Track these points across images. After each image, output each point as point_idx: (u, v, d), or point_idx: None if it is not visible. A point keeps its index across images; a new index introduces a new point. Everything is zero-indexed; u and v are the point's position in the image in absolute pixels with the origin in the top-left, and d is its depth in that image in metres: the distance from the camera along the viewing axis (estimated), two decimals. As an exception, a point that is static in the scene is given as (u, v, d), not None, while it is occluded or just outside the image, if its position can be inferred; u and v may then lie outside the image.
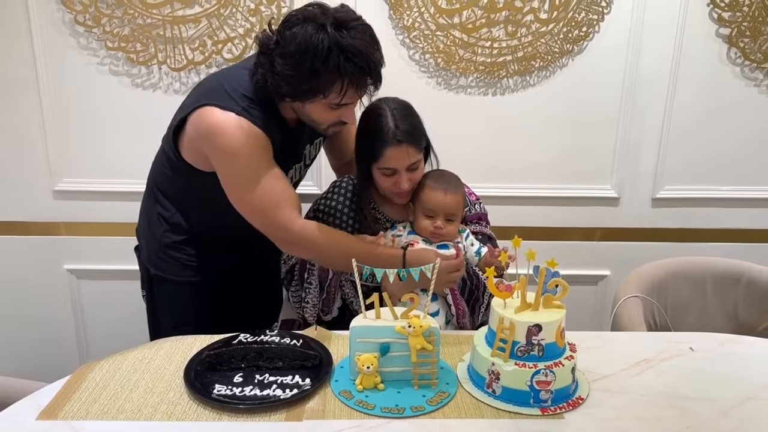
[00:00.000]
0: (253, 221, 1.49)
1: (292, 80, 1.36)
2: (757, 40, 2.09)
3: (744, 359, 1.40)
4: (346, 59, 1.32)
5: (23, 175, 2.19)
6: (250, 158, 1.43)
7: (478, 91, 2.14)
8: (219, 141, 1.42)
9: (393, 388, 1.24)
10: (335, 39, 1.32)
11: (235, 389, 1.21)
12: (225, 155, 1.44)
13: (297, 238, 1.48)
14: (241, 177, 1.45)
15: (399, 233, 1.63)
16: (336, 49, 1.32)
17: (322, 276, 1.59)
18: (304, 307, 1.62)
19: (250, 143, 1.42)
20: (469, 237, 1.63)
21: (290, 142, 1.57)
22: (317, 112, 1.44)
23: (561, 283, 1.23)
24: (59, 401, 1.19)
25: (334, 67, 1.32)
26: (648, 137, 2.20)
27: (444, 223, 1.56)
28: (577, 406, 1.20)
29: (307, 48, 1.32)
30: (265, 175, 1.45)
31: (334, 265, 1.55)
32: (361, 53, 1.34)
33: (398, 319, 1.25)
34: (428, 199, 1.57)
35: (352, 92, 1.39)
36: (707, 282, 1.93)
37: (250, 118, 1.42)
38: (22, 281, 2.32)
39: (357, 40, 1.34)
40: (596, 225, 2.31)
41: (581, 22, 2.05)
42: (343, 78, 1.35)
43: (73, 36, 2.03)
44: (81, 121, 2.12)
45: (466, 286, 1.56)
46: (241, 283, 1.72)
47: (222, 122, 1.41)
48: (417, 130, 1.55)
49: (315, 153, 1.73)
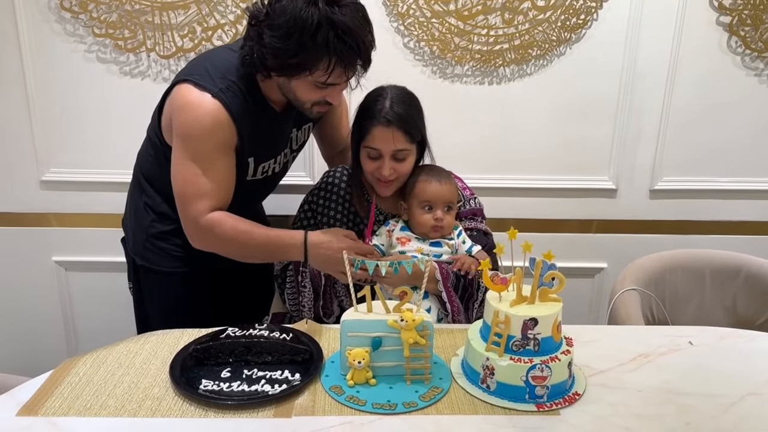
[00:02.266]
0: (176, 198, 1.50)
1: (279, 53, 1.33)
2: (758, 29, 2.05)
3: (745, 354, 1.37)
4: (336, 36, 1.30)
5: (9, 165, 2.14)
6: (202, 145, 1.43)
7: (474, 80, 2.10)
8: (184, 117, 1.43)
9: (385, 384, 1.21)
10: (326, 14, 1.29)
11: (222, 384, 1.18)
12: (182, 133, 1.44)
13: (201, 233, 1.49)
14: (185, 158, 1.45)
15: (392, 228, 1.60)
16: (326, 24, 1.29)
17: (315, 282, 1.57)
18: (302, 311, 1.58)
19: (211, 131, 1.41)
20: (461, 235, 1.60)
21: (276, 127, 1.54)
22: (302, 89, 1.41)
23: (557, 276, 1.20)
24: (40, 397, 1.15)
25: (322, 42, 1.30)
26: (646, 128, 2.17)
27: (443, 214, 1.54)
28: (573, 402, 1.17)
29: (296, 21, 1.29)
30: (208, 165, 1.44)
31: (240, 257, 1.54)
32: (351, 31, 1.31)
33: (390, 313, 1.22)
34: (424, 190, 1.54)
35: (339, 71, 1.36)
36: (706, 275, 1.90)
37: (225, 101, 1.40)
38: (10, 273, 2.28)
39: (348, 17, 1.31)
40: (593, 217, 2.28)
41: (579, 10, 2.01)
42: (330, 55, 1.32)
43: (59, 22, 1.98)
44: (68, 110, 2.08)
45: (459, 282, 1.52)
46: (231, 274, 1.68)
47: (194, 101, 1.41)
48: (411, 118, 1.52)
49: (303, 139, 1.70)
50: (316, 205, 1.65)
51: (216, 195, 1.48)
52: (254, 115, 1.46)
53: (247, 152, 1.51)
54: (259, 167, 1.57)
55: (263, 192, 1.77)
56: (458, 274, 1.52)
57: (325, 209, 1.64)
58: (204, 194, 1.46)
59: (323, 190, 1.66)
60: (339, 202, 1.64)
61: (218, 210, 1.49)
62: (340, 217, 1.63)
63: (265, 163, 1.58)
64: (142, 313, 1.78)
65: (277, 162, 1.61)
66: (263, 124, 1.50)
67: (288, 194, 1.95)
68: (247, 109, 1.45)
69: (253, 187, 1.61)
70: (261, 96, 1.48)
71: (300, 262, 1.56)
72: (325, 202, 1.64)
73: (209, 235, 1.49)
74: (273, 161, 1.60)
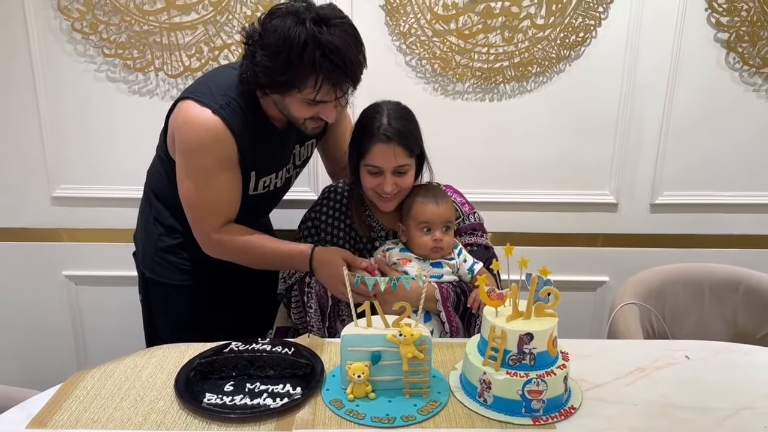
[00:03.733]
0: (186, 214, 1.57)
1: (269, 71, 1.37)
2: (756, 45, 2.08)
3: (740, 368, 1.38)
4: (322, 55, 1.33)
5: (21, 182, 2.20)
6: (204, 160, 1.48)
7: (475, 96, 2.13)
8: (185, 134, 1.48)
9: (384, 398, 1.23)
10: (313, 34, 1.33)
11: (225, 398, 1.21)
12: (184, 149, 1.50)
13: (213, 246, 1.57)
14: (189, 174, 1.51)
15: (390, 248, 1.60)
16: (312, 43, 1.33)
17: (322, 302, 1.58)
18: (310, 331, 1.59)
19: (211, 146, 1.46)
20: (462, 253, 1.60)
21: (277, 142, 1.58)
22: (295, 106, 1.45)
23: (553, 292, 1.22)
24: (50, 410, 1.19)
25: (308, 61, 1.33)
26: (646, 143, 2.19)
27: (442, 234, 1.54)
28: (569, 416, 1.19)
29: (284, 40, 1.33)
30: (211, 180, 1.50)
31: (252, 265, 1.61)
32: (338, 50, 1.34)
33: (389, 328, 1.25)
34: (422, 212, 1.55)
35: (327, 89, 1.39)
36: (705, 289, 1.91)
37: (225, 117, 1.45)
38: (21, 287, 2.32)
39: (336, 37, 1.34)
40: (595, 231, 2.30)
41: (578, 28, 2.05)
42: (317, 73, 1.35)
43: (70, 43, 2.04)
44: (78, 128, 2.13)
45: (460, 301, 1.53)
46: (237, 287, 1.72)
47: (195, 117, 1.46)
48: (410, 133, 1.53)
49: (307, 154, 1.74)
50: (318, 221, 1.66)
51: (223, 210, 1.54)
52: (255, 131, 1.51)
53: (248, 167, 1.55)
54: (260, 182, 1.61)
55: (266, 206, 1.81)
56: (459, 294, 1.53)
57: (327, 226, 1.65)
58: (212, 210, 1.53)
59: (324, 206, 1.67)
60: (341, 219, 1.65)
61: (226, 223, 1.55)
62: (343, 235, 1.64)
63: (266, 178, 1.61)
64: (150, 325, 1.82)
65: (279, 177, 1.65)
66: (264, 139, 1.54)
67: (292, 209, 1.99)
68: (247, 124, 1.49)
69: (255, 201, 1.64)
70: (261, 112, 1.53)
71: (305, 283, 1.59)
72: (327, 218, 1.65)
73: (221, 248, 1.57)
74: (274, 176, 1.64)
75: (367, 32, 2.01)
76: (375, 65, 2.05)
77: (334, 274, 1.48)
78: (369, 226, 1.65)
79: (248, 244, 1.56)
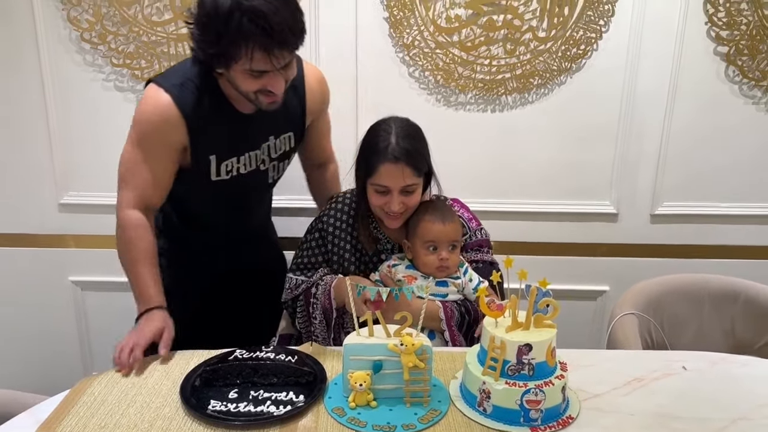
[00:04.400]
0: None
1: (203, 45, 1.38)
2: (755, 59, 2.10)
3: (737, 379, 1.40)
4: (249, 20, 1.31)
5: (30, 188, 2.24)
6: (148, 134, 1.50)
7: (477, 107, 2.16)
8: (139, 108, 1.51)
9: (385, 406, 1.25)
10: (237, 1, 1.31)
11: (230, 405, 1.23)
12: (135, 120, 1.52)
13: (117, 219, 1.56)
14: (132, 142, 1.52)
15: (395, 263, 1.59)
16: (237, 11, 1.30)
17: (327, 314, 1.57)
18: (315, 340, 1.59)
19: (160, 123, 1.48)
20: (467, 272, 1.59)
21: (239, 126, 1.56)
22: (240, 80, 1.42)
23: (552, 303, 1.24)
24: (57, 415, 1.21)
25: (235, 29, 1.31)
26: (646, 154, 2.22)
27: (448, 254, 1.53)
28: (566, 426, 1.21)
29: (210, 11, 1.33)
30: (147, 156, 1.51)
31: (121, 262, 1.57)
32: (263, 14, 1.31)
33: (391, 337, 1.27)
34: (429, 230, 1.53)
35: (260, 56, 1.35)
36: (704, 299, 1.93)
37: (177, 95, 1.47)
38: (28, 293, 2.36)
39: (261, 2, 1.31)
40: (595, 240, 2.32)
41: (579, 41, 2.07)
42: (246, 41, 1.33)
43: (79, 53, 2.08)
44: (86, 136, 2.17)
45: (464, 320, 1.54)
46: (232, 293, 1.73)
47: (149, 96, 1.49)
48: (418, 152, 1.51)
49: (284, 148, 1.68)
50: (326, 233, 1.64)
51: (146, 190, 1.54)
52: (211, 112, 1.51)
53: (205, 149, 1.54)
54: (222, 165, 1.58)
55: (239, 197, 1.73)
56: (463, 313, 1.54)
57: (334, 237, 1.64)
58: (135, 185, 1.53)
59: (332, 216, 1.65)
60: (347, 231, 1.64)
61: (143, 207, 1.55)
62: (349, 247, 1.63)
63: (227, 162, 1.58)
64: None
65: (242, 163, 1.61)
66: (221, 121, 1.53)
67: (299, 217, 2.02)
68: (201, 104, 1.49)
69: (221, 189, 1.61)
70: (220, 94, 1.52)
71: (311, 293, 1.60)
72: (334, 230, 1.64)
73: (117, 229, 1.57)
74: (236, 160, 1.59)
75: (371, 44, 2.07)
76: (379, 76, 2.11)
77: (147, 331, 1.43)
78: (375, 239, 1.64)
79: (130, 244, 1.54)
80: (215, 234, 1.71)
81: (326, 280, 1.61)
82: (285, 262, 2.01)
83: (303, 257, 1.67)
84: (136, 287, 1.53)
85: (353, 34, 2.07)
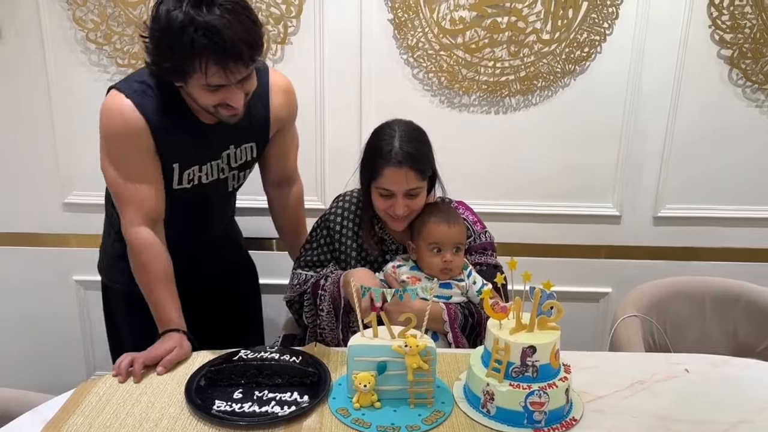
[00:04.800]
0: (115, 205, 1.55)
1: (157, 59, 1.37)
2: (759, 62, 2.11)
3: (739, 382, 1.40)
4: (202, 35, 1.29)
5: (34, 188, 2.24)
6: (119, 145, 1.48)
7: (481, 109, 2.17)
8: (103, 119, 1.48)
9: (389, 407, 1.26)
10: (190, 16, 1.29)
11: (234, 405, 1.23)
12: (103, 134, 1.49)
13: (127, 240, 1.53)
14: (108, 161, 1.50)
15: (400, 264, 1.60)
16: (190, 26, 1.29)
17: (336, 303, 1.56)
18: (321, 333, 1.59)
19: (126, 131, 1.45)
20: (471, 275, 1.59)
21: (199, 135, 1.54)
22: (197, 94, 1.41)
23: (556, 305, 1.24)
24: (63, 415, 1.22)
25: (187, 44, 1.29)
26: (649, 156, 2.22)
27: (452, 256, 1.54)
28: (570, 428, 1.22)
29: (163, 26, 1.31)
30: (128, 169, 1.49)
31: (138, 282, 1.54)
32: (216, 29, 1.29)
33: (395, 338, 1.27)
34: (433, 233, 1.54)
35: (215, 71, 1.33)
36: (706, 302, 1.94)
37: (138, 102, 1.44)
38: (32, 292, 2.37)
39: (214, 16, 1.29)
40: (598, 243, 2.33)
41: (583, 43, 2.08)
42: (199, 56, 1.31)
43: (84, 53, 2.08)
44: (91, 136, 2.12)
45: (467, 323, 1.55)
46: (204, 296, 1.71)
47: (110, 103, 1.46)
48: (422, 155, 1.52)
49: (245, 158, 1.66)
50: (333, 231, 1.65)
51: (145, 203, 1.51)
52: (172, 119, 1.49)
53: (169, 157, 1.52)
54: (184, 174, 1.56)
55: (202, 207, 1.68)
56: (467, 315, 1.55)
57: (341, 236, 1.64)
58: (132, 201, 1.50)
59: (339, 216, 1.66)
60: (353, 229, 1.64)
61: (149, 222, 1.51)
62: (355, 246, 1.64)
63: (189, 170, 1.56)
64: (115, 339, 1.81)
65: (204, 172, 1.59)
66: (182, 129, 1.51)
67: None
68: (163, 111, 1.47)
69: (183, 198, 1.59)
70: (181, 102, 1.50)
71: (319, 285, 1.59)
72: (341, 229, 1.64)
73: (129, 252, 1.54)
74: (197, 169, 1.57)
75: (375, 46, 2.08)
76: (383, 78, 2.12)
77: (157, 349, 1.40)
78: (380, 240, 1.65)
79: (143, 269, 1.51)
80: (178, 242, 1.62)
81: (336, 273, 1.61)
82: (253, 264, 2.00)
83: (310, 254, 1.68)
84: (154, 310, 1.51)
85: (357, 36, 2.07)
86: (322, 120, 2.16)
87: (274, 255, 2.27)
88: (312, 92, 2.12)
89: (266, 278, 2.09)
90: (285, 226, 1.93)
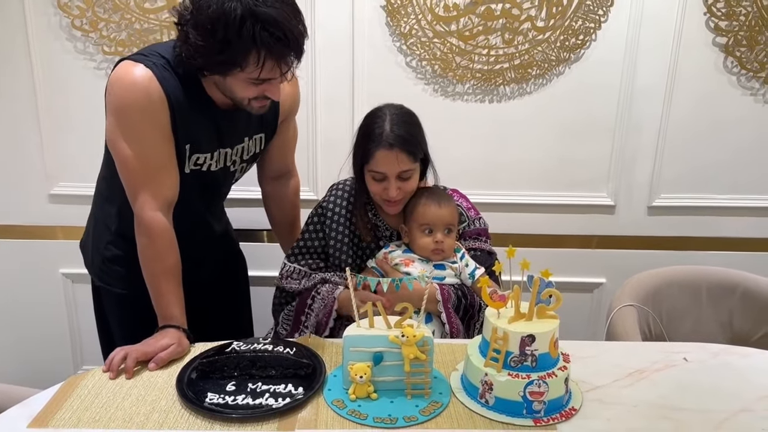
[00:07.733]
0: (124, 186, 1.45)
1: (205, 52, 1.29)
2: (754, 50, 2.10)
3: (738, 370, 1.39)
4: (262, 28, 1.25)
5: (19, 179, 2.20)
6: (136, 118, 1.37)
7: (475, 98, 2.14)
8: (115, 90, 1.36)
9: (386, 398, 1.23)
10: (249, 7, 1.24)
11: (227, 398, 1.20)
12: (115, 107, 1.37)
13: (140, 225, 1.43)
14: (121, 136, 1.38)
15: (392, 250, 1.60)
16: (250, 17, 1.24)
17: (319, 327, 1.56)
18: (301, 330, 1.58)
19: (145, 102, 1.35)
20: (464, 257, 1.60)
21: (215, 121, 1.49)
22: (238, 86, 1.36)
23: (554, 294, 1.22)
24: (51, 409, 1.18)
25: (248, 37, 1.25)
26: (644, 145, 2.21)
27: (443, 236, 1.55)
28: (570, 417, 1.20)
29: (219, 17, 1.24)
30: (146, 142, 1.38)
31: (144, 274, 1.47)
32: (277, 22, 1.26)
33: (392, 329, 1.25)
34: (424, 213, 1.55)
35: (271, 65, 1.31)
36: (702, 291, 1.93)
37: (158, 73, 1.35)
38: (18, 285, 2.32)
39: (273, 8, 1.26)
40: (592, 233, 2.32)
41: (578, 31, 2.06)
42: (259, 49, 1.27)
43: (69, 40, 2.03)
44: (77, 125, 2.13)
45: (461, 304, 1.54)
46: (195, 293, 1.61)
47: (124, 72, 1.35)
48: (413, 137, 1.53)
49: (255, 150, 1.63)
50: (325, 218, 1.64)
51: (162, 183, 1.42)
52: (191, 102, 1.42)
53: (183, 137, 1.44)
54: (193, 157, 1.49)
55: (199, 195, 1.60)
56: (460, 296, 1.54)
57: (333, 222, 1.64)
58: (149, 182, 1.41)
59: (331, 203, 1.65)
60: (347, 216, 1.64)
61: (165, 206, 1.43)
62: (348, 233, 1.63)
63: (200, 155, 1.50)
64: (107, 341, 1.75)
65: (215, 159, 1.53)
66: (201, 113, 1.45)
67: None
68: (181, 90, 1.40)
69: (190, 182, 1.52)
70: (198, 85, 1.43)
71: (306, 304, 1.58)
72: (333, 215, 1.64)
73: (142, 236, 1.44)
74: (209, 156, 1.52)
75: (367, 33, 2.05)
76: (375, 66, 2.09)
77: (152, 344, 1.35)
78: (374, 226, 1.65)
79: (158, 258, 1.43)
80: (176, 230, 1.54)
81: (323, 292, 1.58)
82: (242, 255, 1.95)
83: (301, 241, 1.67)
84: (157, 303, 1.44)
85: (350, 23, 2.04)
86: (314, 109, 2.13)
87: (265, 246, 2.24)
88: (303, 81, 2.07)
89: (257, 270, 2.06)
90: (281, 220, 1.90)
